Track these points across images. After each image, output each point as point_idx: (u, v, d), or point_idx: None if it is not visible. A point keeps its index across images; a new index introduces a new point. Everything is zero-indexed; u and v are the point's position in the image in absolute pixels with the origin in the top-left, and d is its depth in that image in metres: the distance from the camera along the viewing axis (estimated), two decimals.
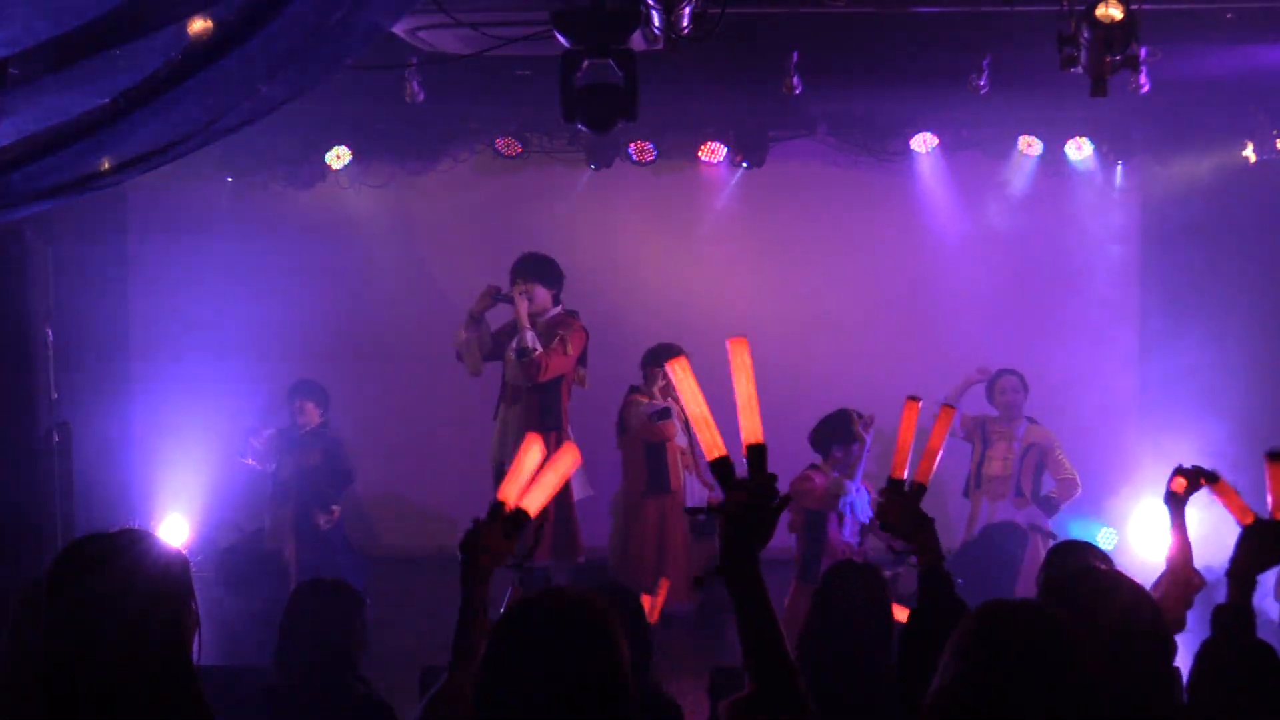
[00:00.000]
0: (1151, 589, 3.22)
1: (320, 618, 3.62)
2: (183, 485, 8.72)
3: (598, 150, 8.59)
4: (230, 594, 7.42)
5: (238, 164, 8.75)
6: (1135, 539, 8.18)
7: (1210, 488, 3.31)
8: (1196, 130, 8.14)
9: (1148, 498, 7.39)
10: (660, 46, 4.64)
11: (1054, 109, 8.11)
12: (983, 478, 7.50)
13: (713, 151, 8.73)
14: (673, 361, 2.30)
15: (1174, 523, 3.36)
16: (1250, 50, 6.38)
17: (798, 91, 6.42)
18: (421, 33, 5.47)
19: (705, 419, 2.24)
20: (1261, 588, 3.08)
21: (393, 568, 7.95)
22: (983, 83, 6.33)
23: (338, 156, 8.69)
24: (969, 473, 7.67)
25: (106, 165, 4.50)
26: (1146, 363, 8.96)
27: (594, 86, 4.54)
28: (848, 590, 3.73)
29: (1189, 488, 3.35)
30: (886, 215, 8.91)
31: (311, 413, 7.60)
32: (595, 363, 7.43)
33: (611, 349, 7.82)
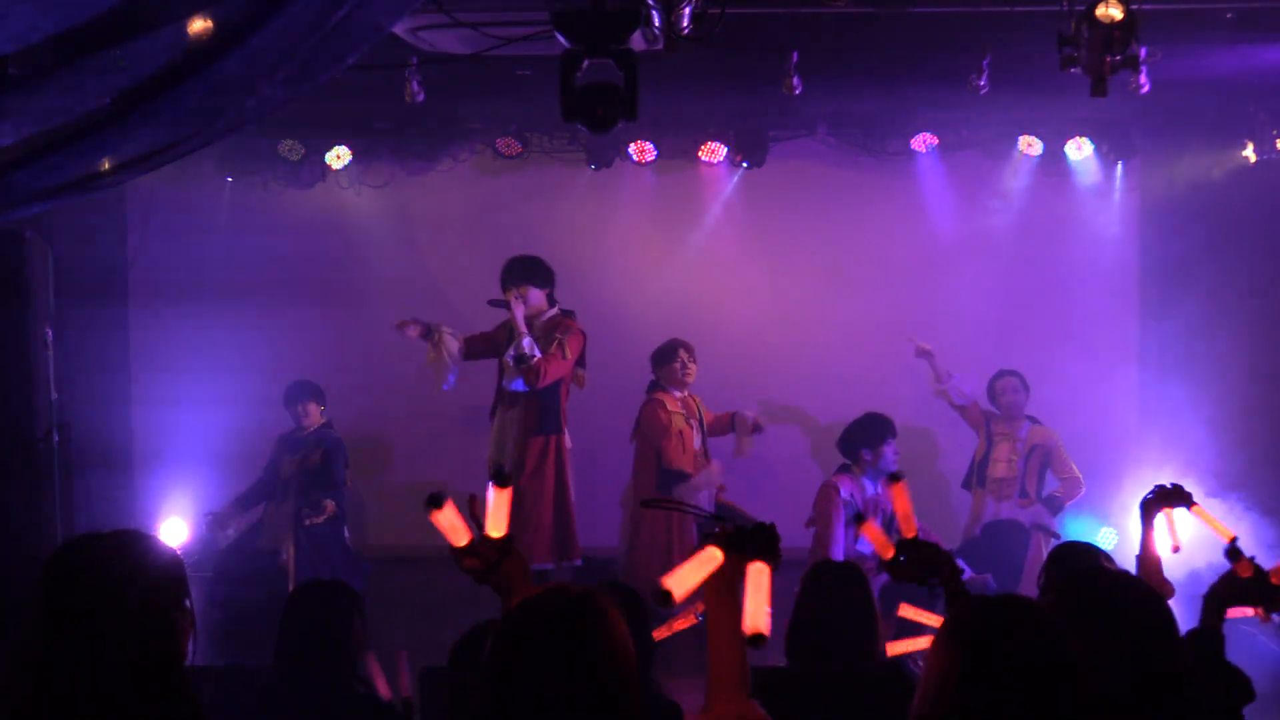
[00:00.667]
0: None
1: (319, 618, 3.63)
2: (182, 485, 8.72)
3: (598, 150, 8.59)
4: (229, 594, 7.41)
5: (238, 164, 8.75)
6: (1135, 539, 8.14)
7: (1188, 509, 3.50)
8: (1196, 130, 8.14)
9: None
10: (660, 46, 4.64)
11: (1054, 109, 8.11)
12: (987, 479, 7.56)
13: (713, 151, 8.72)
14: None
15: (1145, 534, 3.51)
16: (1250, 50, 6.38)
17: (798, 91, 6.41)
18: (421, 33, 5.47)
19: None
20: None
21: (392, 568, 7.93)
22: (983, 83, 6.33)
23: (338, 156, 8.69)
24: (970, 465, 7.71)
25: (106, 165, 4.50)
26: (1146, 362, 8.96)
27: (594, 86, 4.53)
28: (827, 591, 3.74)
29: (1164, 504, 3.51)
30: (886, 215, 8.90)
31: (314, 413, 7.62)
32: (594, 363, 7.43)
33: (611, 349, 7.82)
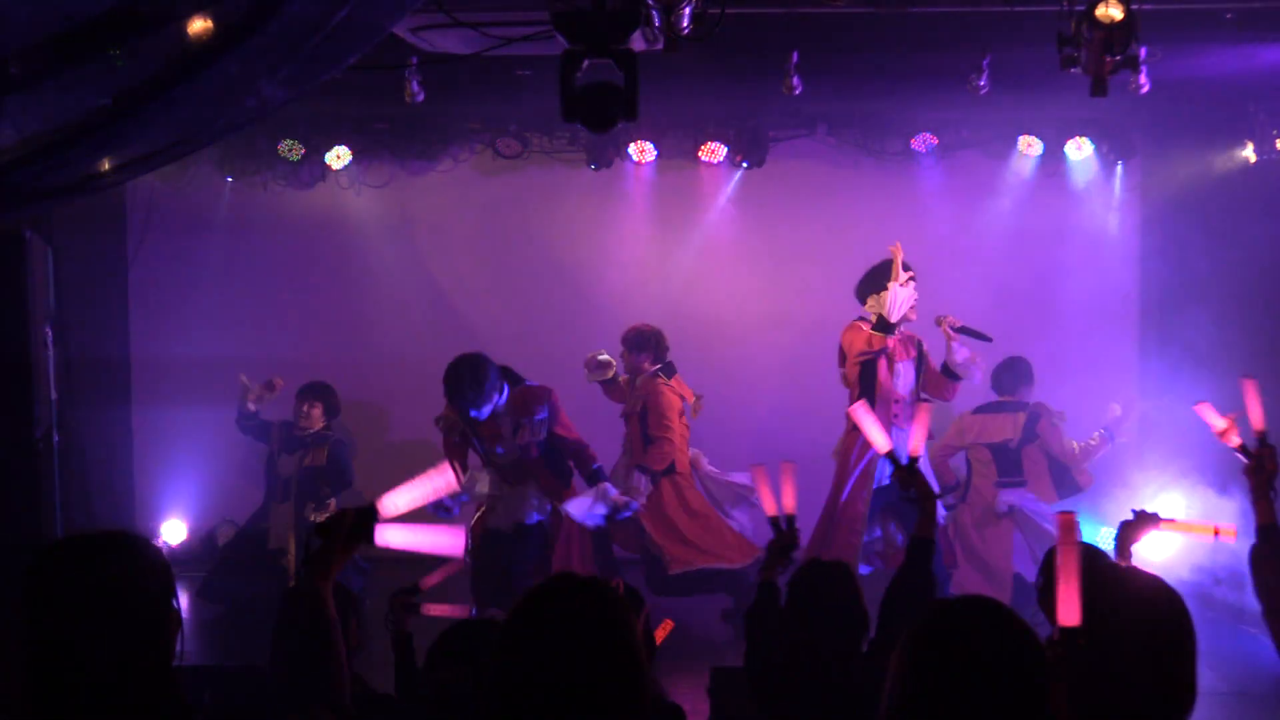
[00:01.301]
0: None
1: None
2: (182, 485, 8.72)
3: (598, 150, 8.59)
4: (228, 594, 7.42)
5: (238, 164, 8.75)
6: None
7: (1161, 525, 3.55)
8: (1196, 130, 8.14)
9: (1147, 497, 7.39)
10: (660, 46, 4.64)
11: (1054, 109, 8.11)
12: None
13: (713, 151, 8.73)
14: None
15: (1117, 553, 3.55)
16: (1250, 50, 6.38)
17: (798, 91, 6.41)
18: (422, 33, 5.47)
19: None
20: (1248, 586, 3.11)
21: (391, 567, 7.92)
22: (983, 83, 6.33)
23: (338, 156, 8.69)
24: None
25: (106, 165, 4.51)
26: (1145, 362, 8.96)
27: (594, 86, 4.52)
28: (818, 590, 3.75)
29: (1136, 535, 3.57)
30: (886, 215, 8.89)
31: (316, 416, 7.61)
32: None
33: (611, 349, 7.81)
